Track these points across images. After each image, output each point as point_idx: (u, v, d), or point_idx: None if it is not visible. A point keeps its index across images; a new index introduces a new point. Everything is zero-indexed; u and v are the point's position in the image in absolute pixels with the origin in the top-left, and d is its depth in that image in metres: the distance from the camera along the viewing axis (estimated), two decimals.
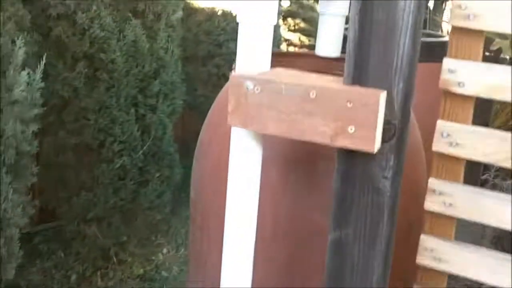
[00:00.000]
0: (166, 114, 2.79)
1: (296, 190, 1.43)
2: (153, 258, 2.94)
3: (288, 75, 1.13)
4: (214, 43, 3.34)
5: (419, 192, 1.34)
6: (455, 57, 1.02)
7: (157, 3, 2.61)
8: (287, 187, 1.44)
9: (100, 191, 2.68)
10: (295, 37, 4.35)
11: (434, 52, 1.86)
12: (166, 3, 2.64)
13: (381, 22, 0.99)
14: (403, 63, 1.00)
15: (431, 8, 4.64)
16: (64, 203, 2.72)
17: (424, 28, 4.83)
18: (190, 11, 3.27)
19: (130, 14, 2.54)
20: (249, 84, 1.09)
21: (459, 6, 0.97)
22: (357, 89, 1.02)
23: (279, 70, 1.17)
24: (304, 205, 1.44)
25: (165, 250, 3.00)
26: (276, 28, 3.79)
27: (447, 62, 1.01)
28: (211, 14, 3.29)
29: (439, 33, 4.42)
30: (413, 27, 0.99)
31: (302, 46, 4.30)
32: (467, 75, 0.99)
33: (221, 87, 1.78)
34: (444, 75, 1.01)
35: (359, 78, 1.04)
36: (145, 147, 2.74)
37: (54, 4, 2.31)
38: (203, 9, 3.29)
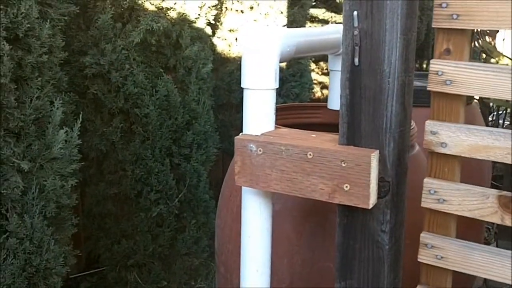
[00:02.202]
0: (200, 163, 2.88)
1: (311, 241, 1.48)
2: None
3: (289, 136, 1.20)
4: None
5: None
6: (437, 119, 1.07)
7: (188, 58, 2.73)
8: (302, 237, 1.49)
9: (140, 239, 2.78)
10: (328, 80, 4.42)
11: None
12: (196, 58, 2.76)
13: (369, 87, 1.05)
14: (392, 124, 1.05)
15: None
16: (106, 250, 2.83)
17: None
18: (222, 61, 3.40)
19: (161, 70, 2.67)
20: (252, 146, 1.17)
21: (436, 73, 1.02)
22: (350, 150, 1.08)
23: (282, 131, 1.25)
24: (319, 255, 1.48)
25: None
26: (307, 72, 3.89)
27: (429, 124, 1.06)
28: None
29: None
30: (400, 90, 1.05)
31: None
32: (449, 137, 1.03)
33: None
34: (427, 136, 1.06)
35: (352, 138, 1.10)
36: (180, 195, 2.83)
37: (89, 64, 2.47)
38: (234, 58, 3.41)
